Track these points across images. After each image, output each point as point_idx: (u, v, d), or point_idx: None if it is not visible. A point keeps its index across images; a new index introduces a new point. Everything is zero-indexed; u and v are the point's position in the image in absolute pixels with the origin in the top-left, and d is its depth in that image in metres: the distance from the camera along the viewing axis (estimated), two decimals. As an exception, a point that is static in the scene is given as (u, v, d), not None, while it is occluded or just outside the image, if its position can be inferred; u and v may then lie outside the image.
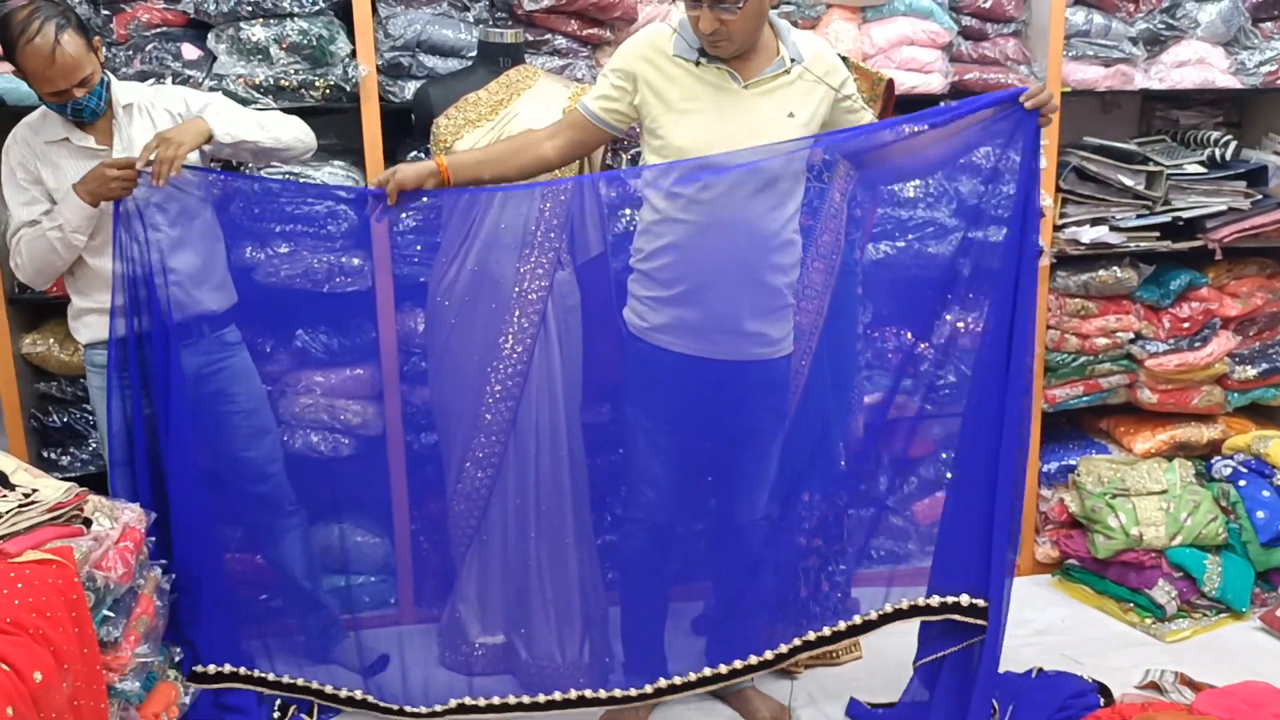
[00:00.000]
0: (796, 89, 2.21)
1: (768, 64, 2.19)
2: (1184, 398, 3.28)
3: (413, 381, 2.87)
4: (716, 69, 2.18)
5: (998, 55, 3.03)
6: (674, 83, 2.19)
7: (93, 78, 2.24)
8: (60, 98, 2.23)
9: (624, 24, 2.84)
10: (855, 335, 2.71)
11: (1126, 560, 3.02)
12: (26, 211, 2.34)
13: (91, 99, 2.26)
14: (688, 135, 2.18)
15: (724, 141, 2.17)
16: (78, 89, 2.22)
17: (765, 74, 2.19)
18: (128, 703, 2.09)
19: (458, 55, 2.77)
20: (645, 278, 2.29)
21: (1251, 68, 3.16)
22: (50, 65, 2.16)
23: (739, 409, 2.33)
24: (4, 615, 1.72)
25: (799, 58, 2.21)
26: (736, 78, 2.18)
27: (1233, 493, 3.11)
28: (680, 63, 2.19)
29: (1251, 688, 2.45)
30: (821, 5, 2.97)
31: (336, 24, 2.68)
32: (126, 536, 2.12)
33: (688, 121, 2.18)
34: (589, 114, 2.28)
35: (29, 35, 2.14)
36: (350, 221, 2.72)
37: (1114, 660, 2.77)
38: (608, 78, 2.27)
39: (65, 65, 2.17)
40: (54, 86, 2.20)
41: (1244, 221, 3.16)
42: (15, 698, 1.63)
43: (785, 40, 2.22)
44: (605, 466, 3.01)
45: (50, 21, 2.15)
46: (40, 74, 2.18)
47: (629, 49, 2.25)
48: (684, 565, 2.52)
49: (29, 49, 2.15)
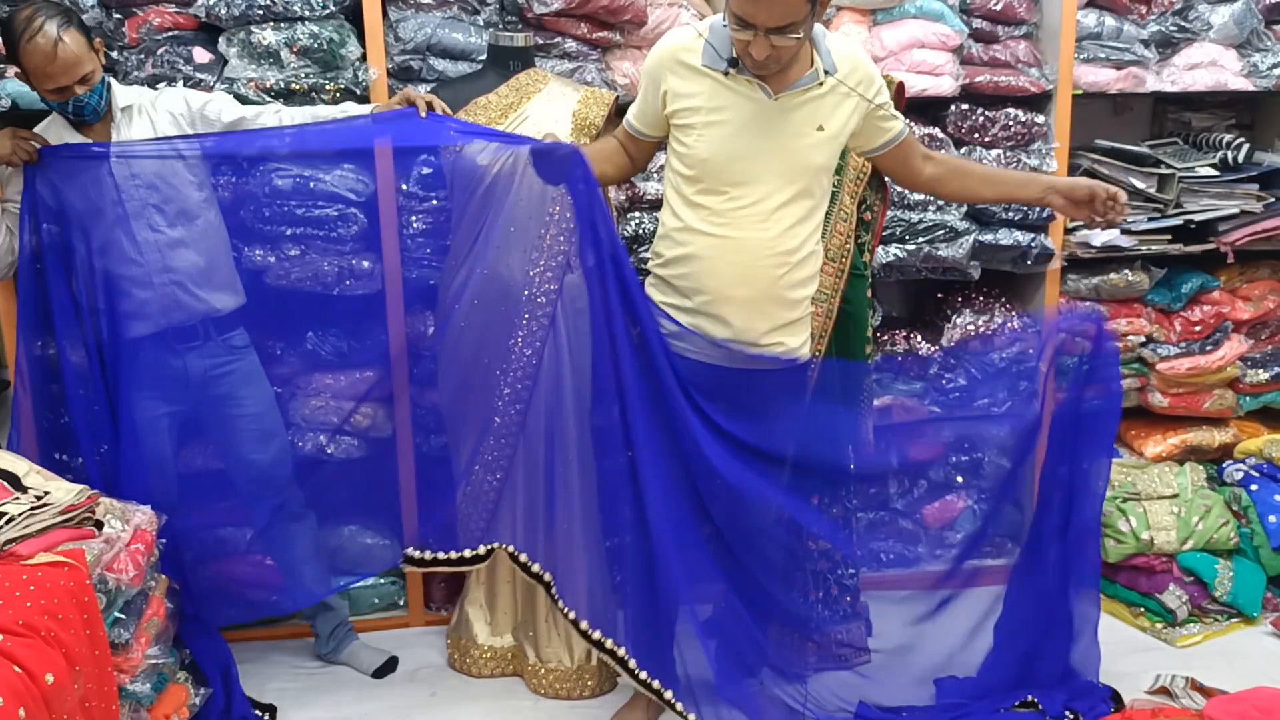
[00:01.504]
0: (828, 101, 2.15)
1: (800, 76, 2.12)
2: (1195, 401, 3.27)
3: (422, 384, 2.88)
4: (747, 80, 2.11)
5: (1008, 58, 3.02)
6: (700, 92, 2.14)
7: (93, 76, 2.27)
8: (61, 95, 2.25)
9: (634, 27, 2.84)
10: (865, 338, 2.71)
11: (1137, 564, 3.01)
12: None
13: (92, 97, 2.28)
14: (710, 146, 2.14)
15: (749, 154, 2.13)
16: (79, 86, 2.25)
17: (797, 86, 2.12)
18: (138, 704, 2.10)
19: (468, 59, 2.77)
20: (664, 284, 2.28)
21: (1264, 70, 3.15)
22: (52, 61, 2.19)
23: (752, 414, 2.32)
24: (16, 617, 1.73)
25: (833, 69, 2.14)
26: (767, 90, 2.11)
27: (1244, 497, 3.09)
28: (708, 72, 2.13)
29: (1263, 693, 2.44)
30: (832, 8, 2.96)
31: (347, 27, 2.69)
32: (138, 539, 2.13)
33: (713, 133, 2.13)
34: (634, 131, 2.30)
35: (31, 32, 2.17)
36: (360, 224, 2.73)
37: (1124, 665, 2.76)
38: (641, 89, 2.25)
39: (67, 61, 2.19)
40: (55, 83, 2.23)
41: (1256, 224, 3.15)
42: (27, 699, 1.64)
43: (820, 51, 2.14)
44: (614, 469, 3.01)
45: (52, 20, 2.19)
46: (42, 70, 2.21)
47: (654, 55, 2.21)
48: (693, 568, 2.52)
49: (30, 45, 2.18)
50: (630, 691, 2.62)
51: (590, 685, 2.68)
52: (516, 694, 2.71)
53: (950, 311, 3.16)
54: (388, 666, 2.78)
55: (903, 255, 2.98)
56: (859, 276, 2.61)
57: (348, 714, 2.61)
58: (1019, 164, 3.02)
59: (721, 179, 2.15)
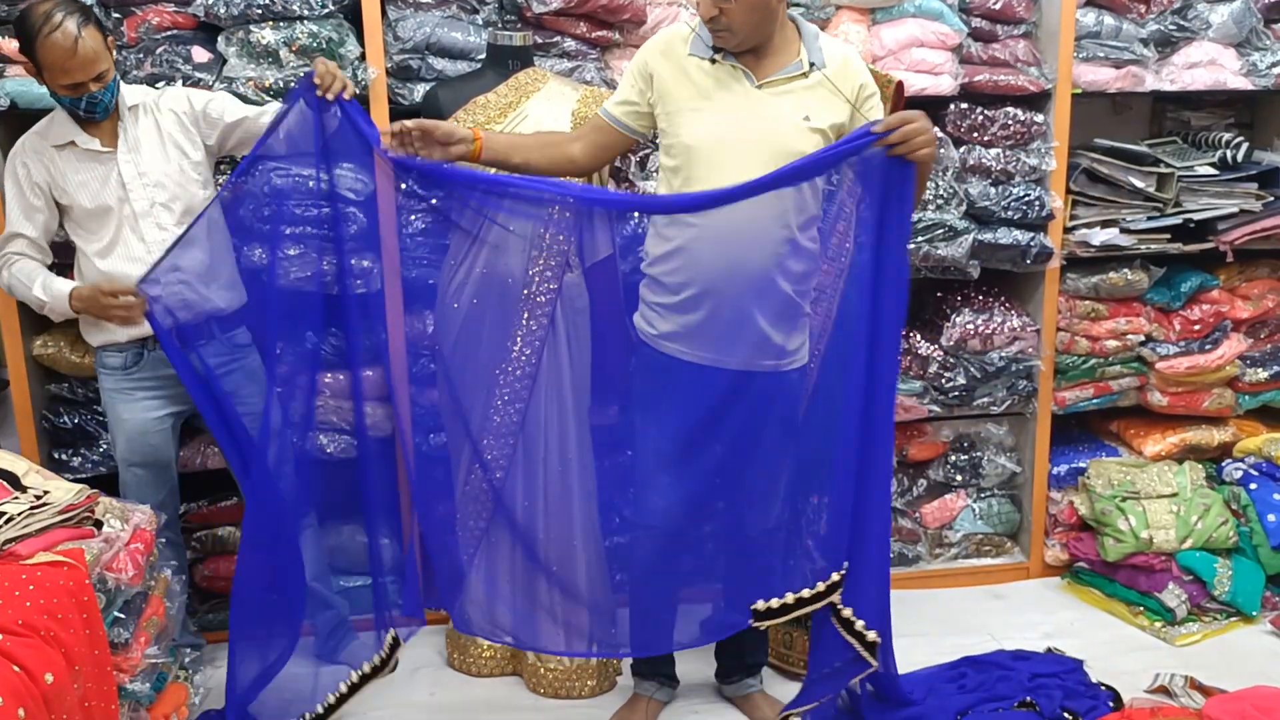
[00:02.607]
0: (816, 95, 2.16)
1: (785, 65, 2.16)
2: (1194, 400, 3.27)
3: (421, 383, 2.88)
4: (731, 67, 2.16)
5: (1008, 57, 3.02)
6: (688, 80, 2.18)
7: (108, 74, 2.28)
8: (76, 91, 2.25)
9: (633, 26, 2.84)
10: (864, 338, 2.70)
11: (1136, 563, 3.02)
12: (22, 222, 2.37)
13: (106, 94, 2.29)
14: (695, 132, 2.16)
15: (733, 139, 2.14)
16: (94, 83, 2.26)
17: (780, 74, 2.15)
18: (138, 704, 2.10)
19: (467, 58, 2.77)
20: (654, 283, 2.27)
21: (1263, 69, 3.14)
22: (71, 57, 2.19)
23: (748, 420, 2.30)
24: (16, 617, 1.73)
25: (820, 63, 2.17)
26: (750, 76, 2.15)
27: (1243, 496, 3.09)
28: (696, 61, 2.18)
29: (1262, 693, 2.44)
30: (831, 7, 2.96)
31: (346, 26, 2.69)
32: (137, 538, 2.13)
33: (697, 119, 2.16)
34: (609, 118, 2.28)
35: (52, 26, 2.17)
36: (360, 224, 2.73)
37: (1123, 664, 2.76)
38: (626, 79, 2.26)
39: (85, 57, 2.20)
40: (72, 79, 2.23)
41: (1255, 223, 3.15)
42: (27, 699, 1.64)
43: (809, 44, 2.18)
44: (613, 469, 3.01)
45: (72, 16, 2.20)
46: (59, 65, 2.21)
47: (646, 47, 2.25)
48: (693, 568, 2.52)
49: (50, 40, 2.18)
50: (629, 691, 2.63)
51: (589, 685, 2.68)
52: (516, 693, 2.71)
53: (950, 310, 3.16)
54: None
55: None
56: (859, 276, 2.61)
57: (346, 713, 2.61)
58: (1018, 163, 3.03)
59: (706, 166, 2.16)
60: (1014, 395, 3.18)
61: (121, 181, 2.36)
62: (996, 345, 3.13)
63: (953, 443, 3.31)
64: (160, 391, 2.47)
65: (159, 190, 2.38)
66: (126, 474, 2.51)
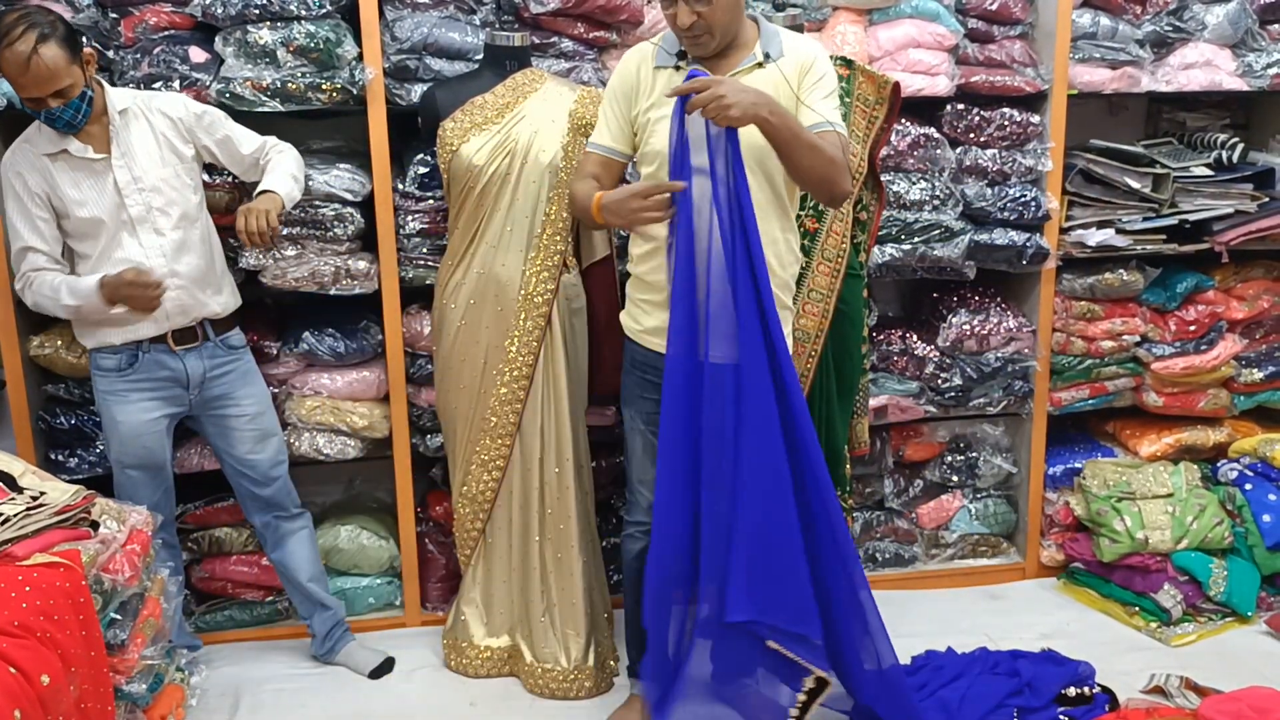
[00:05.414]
0: (766, 82, 2.14)
1: (742, 60, 2.18)
2: (1190, 401, 3.27)
3: (419, 384, 2.88)
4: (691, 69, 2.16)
5: (1004, 58, 3.02)
6: (655, 90, 2.21)
7: (71, 90, 2.23)
8: (35, 105, 2.24)
9: (630, 26, 2.84)
10: (861, 338, 2.71)
11: (1132, 564, 3.02)
12: (30, 235, 2.35)
13: (67, 111, 2.25)
14: (662, 137, 2.17)
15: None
16: (52, 99, 2.22)
17: (737, 69, 2.17)
18: (134, 705, 2.10)
19: (464, 58, 2.77)
20: (639, 281, 2.30)
21: (1259, 70, 3.15)
22: (24, 73, 2.17)
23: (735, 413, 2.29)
24: (12, 618, 1.73)
25: (775, 54, 2.18)
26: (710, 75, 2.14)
27: (1239, 496, 3.10)
28: (661, 73, 2.20)
29: (1257, 693, 2.45)
30: (828, 8, 2.96)
31: (343, 27, 2.69)
32: (134, 539, 2.13)
33: (664, 124, 2.16)
34: (600, 150, 2.29)
35: (10, 40, 2.15)
36: (355, 224, 2.73)
37: (1119, 664, 2.77)
38: (605, 109, 2.29)
39: (39, 74, 2.17)
40: (27, 93, 2.22)
41: (1251, 224, 3.15)
42: (23, 700, 1.64)
43: (767, 39, 2.19)
44: (610, 469, 3.02)
45: (34, 30, 2.16)
46: (16, 79, 2.20)
47: (616, 71, 2.29)
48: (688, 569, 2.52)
49: (9, 53, 2.16)
50: (627, 692, 2.63)
51: (587, 686, 2.68)
52: (513, 694, 2.71)
53: (946, 311, 3.16)
54: (384, 667, 2.78)
55: (898, 255, 2.98)
56: (855, 276, 2.62)
57: (344, 714, 2.61)
58: (1014, 163, 3.03)
59: None
60: (1010, 396, 3.19)
61: (117, 188, 2.34)
62: (992, 346, 3.13)
63: (949, 443, 3.31)
64: (154, 393, 2.47)
65: (155, 195, 2.37)
66: (121, 476, 2.51)
